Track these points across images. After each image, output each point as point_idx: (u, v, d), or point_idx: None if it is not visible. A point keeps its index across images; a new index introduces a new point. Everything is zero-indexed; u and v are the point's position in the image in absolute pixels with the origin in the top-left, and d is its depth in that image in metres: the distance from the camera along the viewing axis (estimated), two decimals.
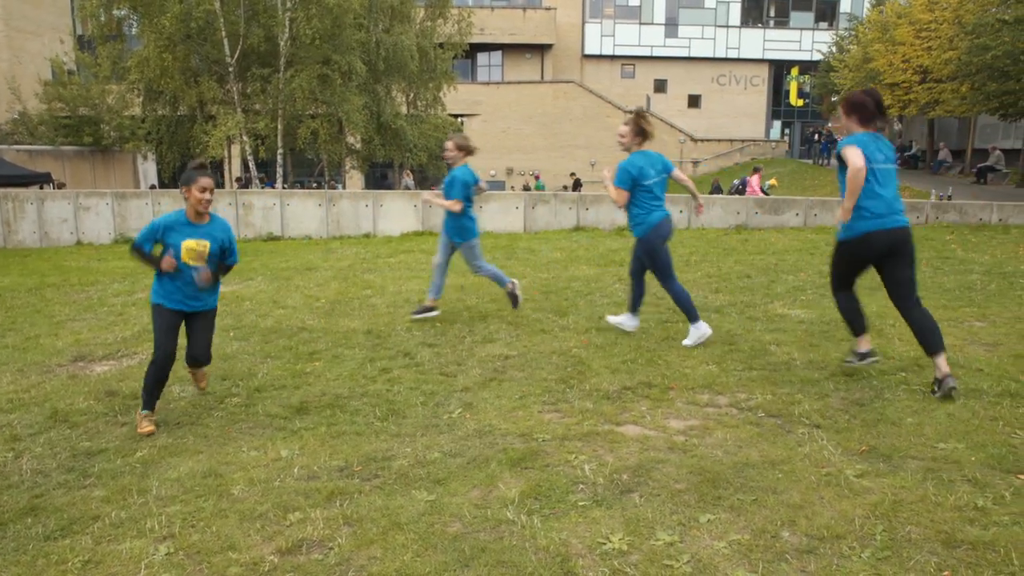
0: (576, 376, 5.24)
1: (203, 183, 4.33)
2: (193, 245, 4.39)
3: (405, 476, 3.62)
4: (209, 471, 3.72)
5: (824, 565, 2.80)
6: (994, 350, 5.74)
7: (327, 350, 6.08)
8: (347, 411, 4.60)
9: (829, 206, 15.53)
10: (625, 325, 6.37)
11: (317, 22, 21.19)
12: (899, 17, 27.51)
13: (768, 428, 4.21)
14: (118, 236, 15.43)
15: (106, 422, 4.50)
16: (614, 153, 42.38)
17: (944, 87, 24.50)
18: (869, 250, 4.66)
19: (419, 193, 16.31)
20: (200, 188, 4.32)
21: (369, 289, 8.92)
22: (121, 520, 3.23)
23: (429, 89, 28.22)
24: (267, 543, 3.02)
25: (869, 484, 3.46)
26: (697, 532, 3.05)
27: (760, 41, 44.00)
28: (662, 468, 3.67)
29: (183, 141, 24.95)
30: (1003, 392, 4.72)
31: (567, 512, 3.23)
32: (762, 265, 10.23)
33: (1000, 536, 2.96)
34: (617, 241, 13.23)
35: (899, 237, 4.61)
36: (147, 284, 9.61)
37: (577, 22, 43.45)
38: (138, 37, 23.72)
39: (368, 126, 25.08)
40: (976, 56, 19.42)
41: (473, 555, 2.88)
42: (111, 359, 6.02)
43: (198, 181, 4.31)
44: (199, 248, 4.42)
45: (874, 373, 5.16)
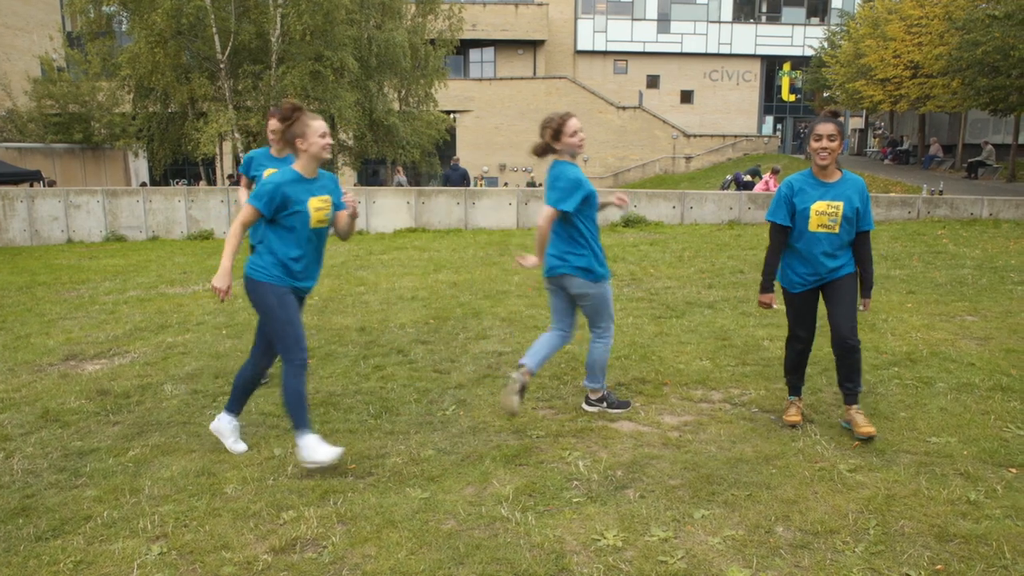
0: (570, 372, 5.24)
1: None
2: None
3: (399, 474, 3.62)
4: (202, 470, 3.70)
5: (818, 560, 2.80)
6: (985, 344, 5.77)
7: (320, 348, 6.06)
8: (340, 409, 4.58)
9: None
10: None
11: (308, 18, 21.10)
12: (890, 13, 27.55)
13: (762, 423, 4.22)
14: (109, 234, 15.36)
15: (98, 421, 4.48)
16: (607, 149, 42.18)
17: (935, 82, 24.55)
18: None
19: (412, 190, 16.28)
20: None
21: (362, 286, 8.90)
22: (113, 520, 3.21)
23: (421, 85, 28.14)
24: (261, 542, 3.01)
25: (862, 479, 3.47)
26: (691, 528, 3.05)
27: (752, 37, 44.02)
28: (656, 464, 3.67)
29: (174, 138, 24.83)
30: (995, 386, 4.75)
31: (561, 509, 3.23)
32: (755, 260, 10.24)
33: (992, 529, 2.98)
34: (610, 237, 13.23)
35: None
36: (139, 283, 9.58)
37: (569, 18, 43.38)
38: (128, 33, 23.57)
39: (360, 123, 25.00)
40: (966, 51, 19.46)
41: (467, 552, 2.88)
42: (103, 358, 5.99)
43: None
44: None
45: (867, 368, 5.18)
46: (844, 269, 4.02)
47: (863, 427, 3.91)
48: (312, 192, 3.69)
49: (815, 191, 3.95)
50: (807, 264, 4.03)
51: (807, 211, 3.94)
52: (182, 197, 15.59)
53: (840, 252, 3.99)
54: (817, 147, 3.89)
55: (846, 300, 4.01)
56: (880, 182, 24.91)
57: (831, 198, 3.92)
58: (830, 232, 3.93)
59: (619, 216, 15.29)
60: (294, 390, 3.62)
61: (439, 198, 15.55)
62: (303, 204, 3.64)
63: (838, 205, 3.90)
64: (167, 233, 15.48)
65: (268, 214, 3.62)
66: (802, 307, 4.16)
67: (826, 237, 3.94)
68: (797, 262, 4.07)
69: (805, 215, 3.95)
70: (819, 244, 3.95)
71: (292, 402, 3.63)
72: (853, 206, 3.92)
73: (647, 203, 15.23)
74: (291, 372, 3.62)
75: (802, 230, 3.99)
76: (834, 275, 4.01)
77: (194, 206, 15.47)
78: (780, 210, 4.03)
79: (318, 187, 3.74)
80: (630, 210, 15.24)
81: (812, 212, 3.92)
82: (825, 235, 3.94)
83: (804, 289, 4.09)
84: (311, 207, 3.66)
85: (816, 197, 3.94)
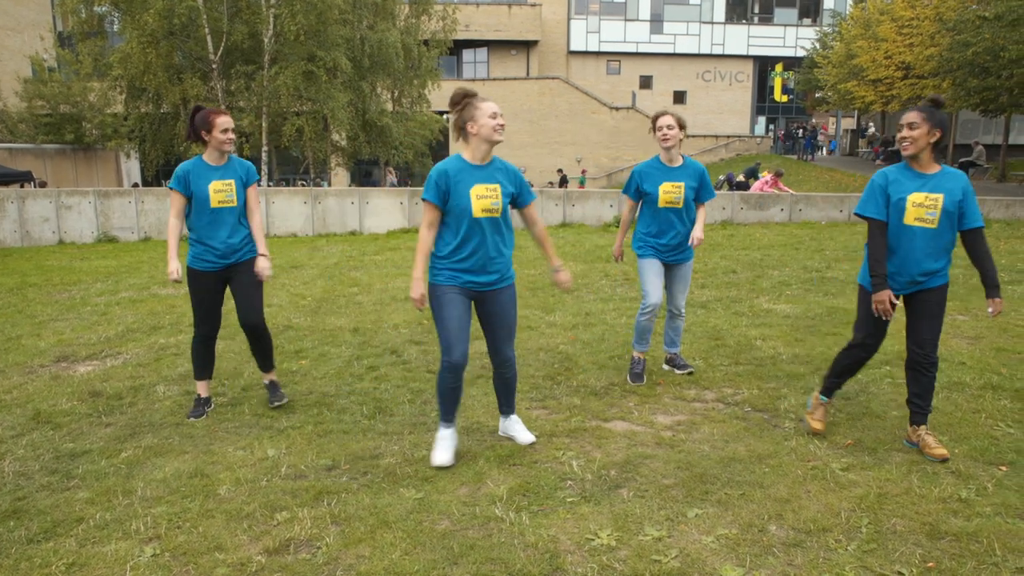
0: (563, 372, 5.25)
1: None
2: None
3: (393, 474, 3.61)
4: (195, 471, 3.69)
5: (811, 558, 2.81)
6: (976, 343, 5.80)
7: (313, 348, 6.05)
8: (334, 409, 4.58)
9: (813, 201, 15.62)
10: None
11: (302, 18, 21.07)
12: (881, 14, 27.70)
13: (755, 423, 4.23)
14: (101, 235, 15.29)
15: (90, 423, 4.46)
16: (600, 149, 42.29)
17: (926, 83, 24.68)
18: None
19: (405, 190, 16.26)
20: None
21: (356, 287, 8.89)
22: (106, 522, 3.20)
23: (414, 86, 28.13)
24: (254, 543, 3.00)
25: (855, 477, 3.48)
26: (685, 527, 3.06)
27: (745, 37, 44.16)
28: (650, 464, 3.68)
29: (166, 139, 24.74)
30: (985, 385, 4.77)
31: (555, 509, 3.23)
32: (747, 260, 10.27)
33: (983, 527, 2.99)
34: (604, 238, 13.24)
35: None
36: (131, 284, 9.54)
37: (563, 18, 43.44)
38: (120, 34, 23.49)
39: (353, 123, 24.98)
40: (957, 52, 19.57)
41: (462, 552, 2.88)
42: (94, 359, 5.97)
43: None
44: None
45: None
46: (939, 278, 3.70)
47: (935, 448, 3.66)
48: (476, 180, 3.58)
49: (912, 182, 3.63)
50: (900, 264, 3.68)
51: (903, 202, 3.61)
52: None
53: (939, 254, 3.64)
54: (900, 136, 3.63)
55: (936, 313, 3.71)
56: None
57: (929, 189, 3.60)
58: (927, 227, 3.60)
59: (612, 216, 15.30)
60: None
61: None
62: (464, 194, 3.55)
63: (937, 197, 3.57)
64: (159, 234, 15.42)
65: (440, 205, 3.58)
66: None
67: (923, 233, 3.60)
68: (889, 263, 3.69)
69: (900, 207, 3.62)
70: (915, 240, 3.62)
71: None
72: (955, 199, 3.58)
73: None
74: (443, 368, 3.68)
75: (896, 224, 3.65)
76: (928, 283, 3.69)
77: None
78: (871, 202, 3.68)
79: (485, 175, 3.61)
80: (623, 210, 15.25)
81: (909, 203, 3.60)
82: (922, 231, 3.60)
83: (894, 293, 3.73)
84: (472, 195, 3.55)
85: (913, 188, 3.61)
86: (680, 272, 4.98)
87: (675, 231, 4.84)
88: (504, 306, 3.73)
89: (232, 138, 4.37)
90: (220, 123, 4.30)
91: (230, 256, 4.42)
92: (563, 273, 3.84)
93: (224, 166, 4.41)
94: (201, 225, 4.37)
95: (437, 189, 3.54)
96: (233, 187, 4.38)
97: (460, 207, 3.53)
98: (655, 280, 4.86)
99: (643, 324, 4.93)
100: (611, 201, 15.56)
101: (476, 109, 3.53)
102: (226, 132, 4.32)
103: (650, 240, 4.90)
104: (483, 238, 3.59)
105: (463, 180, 3.54)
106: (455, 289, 3.63)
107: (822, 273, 9.16)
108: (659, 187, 4.77)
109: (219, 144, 4.33)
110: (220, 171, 4.38)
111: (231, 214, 4.39)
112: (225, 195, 4.35)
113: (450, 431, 3.79)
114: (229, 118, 4.37)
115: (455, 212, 3.55)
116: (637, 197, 4.90)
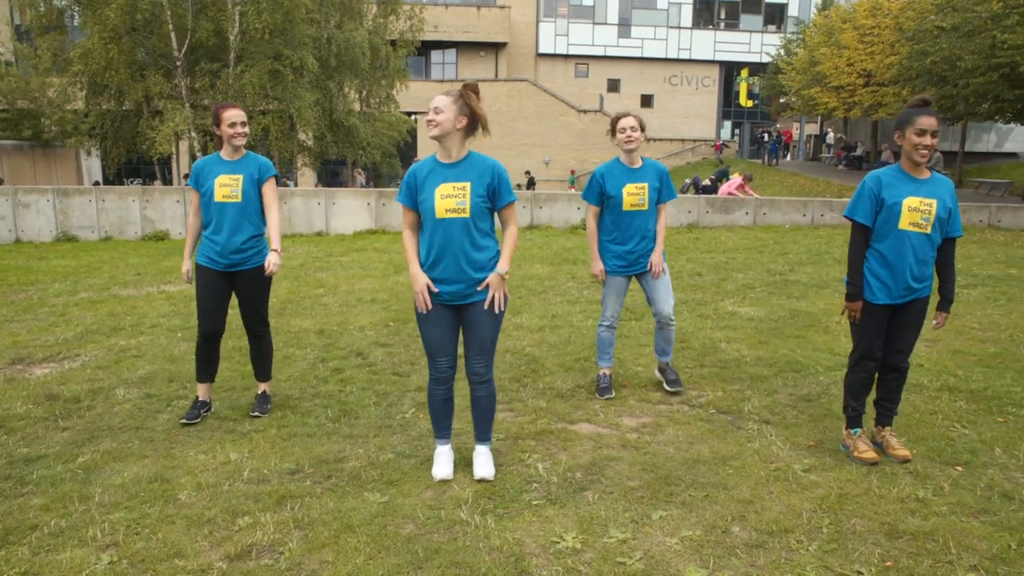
0: (530, 375, 5.25)
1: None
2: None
3: (358, 478, 3.58)
4: (155, 476, 3.63)
5: (773, 559, 2.85)
6: (933, 346, 5.92)
7: (277, 351, 5.98)
8: (298, 412, 4.53)
9: (777, 205, 15.84)
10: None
11: (268, 16, 20.84)
12: (844, 22, 28.22)
13: (719, 424, 4.27)
14: (60, 234, 14.96)
15: (46, 427, 4.35)
16: (568, 152, 42.38)
17: (887, 90, 25.21)
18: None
19: (372, 191, 16.17)
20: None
21: (321, 288, 8.81)
22: (61, 529, 3.12)
23: (382, 86, 28.00)
24: (215, 549, 2.96)
25: (816, 478, 3.54)
26: (649, 529, 3.08)
27: (711, 43, 44.65)
28: (615, 466, 3.69)
29: (129, 137, 24.30)
30: (942, 387, 4.88)
31: (521, 511, 3.23)
32: (712, 263, 10.38)
33: (939, 526, 3.06)
34: (571, 240, 13.29)
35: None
36: (90, 284, 9.35)
37: (531, 21, 43.52)
38: (80, 28, 23.02)
39: (320, 123, 24.78)
40: (916, 61, 20.03)
41: (427, 556, 2.86)
42: (52, 361, 5.83)
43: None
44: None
45: (821, 369, 5.28)
46: (926, 289, 3.72)
47: (898, 449, 3.73)
48: (444, 179, 3.39)
49: (907, 186, 3.58)
50: (894, 270, 3.63)
51: (898, 206, 3.55)
52: (136, 197, 15.27)
53: (929, 261, 3.65)
54: (919, 143, 3.50)
55: (917, 325, 3.75)
56: (835, 187, 25.44)
57: (924, 194, 3.57)
58: (921, 232, 3.57)
59: (579, 218, 15.36)
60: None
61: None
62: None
63: (931, 203, 3.55)
64: (121, 233, 15.14)
65: (412, 206, 3.50)
66: (883, 322, 3.73)
67: (917, 238, 3.58)
68: (882, 268, 3.66)
69: (896, 211, 3.56)
70: (909, 245, 3.58)
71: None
72: (946, 206, 3.58)
73: None
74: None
75: (890, 229, 3.60)
76: (921, 291, 3.70)
77: (149, 206, 15.16)
78: (861, 206, 3.65)
79: (456, 173, 3.40)
80: None
81: (904, 208, 3.54)
82: (916, 235, 3.57)
83: (891, 302, 3.68)
84: (437, 195, 3.37)
85: (908, 192, 3.57)
86: (657, 279, 4.73)
87: (640, 236, 4.64)
88: (478, 322, 3.47)
89: (242, 132, 4.25)
90: (227, 117, 4.21)
91: (232, 256, 4.27)
92: (495, 278, 3.43)
93: (237, 161, 4.30)
94: (207, 220, 4.29)
95: (408, 190, 3.44)
96: (240, 183, 4.23)
97: (426, 207, 3.37)
98: (614, 298, 4.76)
99: (601, 336, 4.83)
100: (578, 204, 15.62)
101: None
102: (234, 126, 4.21)
103: (614, 249, 4.68)
104: (449, 241, 3.35)
105: (431, 180, 3.38)
106: (433, 303, 3.46)
107: (786, 276, 9.29)
108: (623, 189, 4.59)
109: (229, 138, 4.23)
110: (231, 166, 4.28)
111: (235, 210, 4.23)
112: (230, 190, 4.22)
113: (446, 447, 3.69)
114: (238, 111, 4.26)
115: (424, 214, 3.40)
116: (599, 201, 4.67)
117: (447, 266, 3.39)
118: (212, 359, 4.48)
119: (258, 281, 4.37)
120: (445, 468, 3.60)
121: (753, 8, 44.78)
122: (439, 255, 3.39)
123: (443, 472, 3.58)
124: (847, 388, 3.87)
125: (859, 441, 3.80)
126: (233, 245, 4.26)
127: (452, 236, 3.36)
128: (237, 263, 4.31)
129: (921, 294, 3.71)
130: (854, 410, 3.83)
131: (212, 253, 4.28)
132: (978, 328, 6.53)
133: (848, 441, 3.84)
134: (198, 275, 4.34)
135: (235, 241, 4.26)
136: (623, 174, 4.66)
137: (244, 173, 4.27)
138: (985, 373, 5.19)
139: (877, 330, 3.72)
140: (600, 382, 4.85)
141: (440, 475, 3.57)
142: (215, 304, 4.35)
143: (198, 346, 4.43)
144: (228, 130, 4.22)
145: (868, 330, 3.73)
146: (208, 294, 4.33)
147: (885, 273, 3.64)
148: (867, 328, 3.73)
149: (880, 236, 3.64)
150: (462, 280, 3.41)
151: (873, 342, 3.74)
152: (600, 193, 4.67)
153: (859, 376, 3.81)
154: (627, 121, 4.63)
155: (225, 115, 4.21)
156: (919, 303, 3.74)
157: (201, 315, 4.37)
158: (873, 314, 3.70)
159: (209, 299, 4.34)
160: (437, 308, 3.47)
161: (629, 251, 4.68)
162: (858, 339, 3.79)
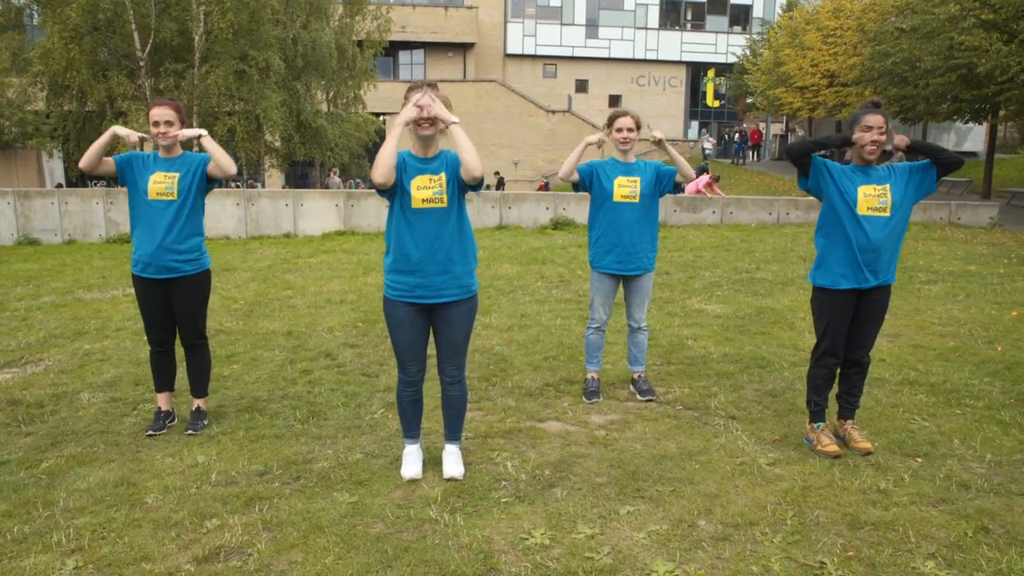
0: (499, 374, 5.27)
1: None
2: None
3: (326, 478, 3.58)
4: (121, 480, 3.58)
5: (738, 551, 2.90)
6: (895, 340, 6.05)
7: (245, 352, 5.94)
8: (266, 414, 4.50)
9: (744, 204, 16.03)
10: None
11: (233, 16, 20.59)
12: (807, 23, 28.65)
13: (686, 420, 4.33)
14: (21, 237, 14.65)
15: (8, 433, 4.28)
16: (537, 152, 42.23)
17: (850, 91, 25.64)
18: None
19: (341, 192, 16.06)
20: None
21: (289, 290, 8.75)
22: (24, 535, 3.08)
23: (349, 87, 27.81)
24: (183, 552, 2.93)
25: (780, 472, 3.60)
26: (617, 524, 3.12)
27: (678, 43, 45.03)
28: (583, 463, 3.73)
29: (91, 138, 23.68)
30: (903, 380, 4.99)
31: (489, 509, 3.25)
32: (680, 262, 10.49)
33: (900, 516, 3.14)
34: (539, 240, 13.33)
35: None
36: (53, 288, 9.18)
37: (499, 21, 43.54)
38: (40, 27, 22.56)
39: (287, 124, 24.54)
40: (878, 62, 20.41)
41: (396, 555, 2.87)
42: (14, 366, 5.73)
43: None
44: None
45: (786, 365, 5.37)
46: (890, 276, 3.79)
47: (860, 442, 3.83)
48: (420, 172, 3.40)
49: (860, 177, 3.70)
50: (856, 255, 3.70)
51: (854, 193, 3.67)
52: (100, 199, 15.00)
53: (890, 246, 3.72)
54: (865, 138, 3.62)
55: (880, 317, 3.85)
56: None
57: (875, 182, 3.68)
58: (881, 215, 3.66)
59: (548, 218, 15.42)
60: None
61: (368, 201, 15.39)
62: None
63: (884, 188, 3.67)
64: (84, 236, 14.87)
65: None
66: (846, 311, 3.80)
67: (877, 222, 3.66)
68: (843, 258, 3.74)
69: (853, 198, 3.66)
70: (871, 229, 3.65)
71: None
72: (901, 187, 3.69)
73: (576, 206, 15.41)
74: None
75: (851, 217, 3.68)
76: (886, 277, 3.77)
77: (113, 208, 14.90)
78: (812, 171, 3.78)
79: (433, 168, 3.42)
80: (559, 212, 15.40)
81: (860, 195, 3.65)
82: (876, 219, 3.66)
83: (851, 287, 3.74)
84: (413, 186, 3.38)
85: (861, 182, 3.69)
86: (637, 284, 4.68)
87: (630, 231, 4.55)
88: (451, 323, 3.50)
89: (165, 131, 4.02)
90: (151, 116, 4.05)
91: (166, 259, 4.09)
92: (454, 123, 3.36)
93: (173, 159, 4.14)
94: (138, 220, 4.10)
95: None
96: (176, 181, 4.08)
97: (402, 197, 3.37)
98: (602, 299, 4.72)
99: (590, 340, 4.81)
100: (547, 204, 15.68)
101: (407, 102, 3.36)
102: (157, 125, 4.02)
103: (605, 244, 4.61)
104: (425, 231, 3.36)
105: (407, 173, 3.38)
106: (405, 306, 3.46)
107: (752, 274, 9.42)
108: (614, 180, 4.56)
109: (153, 137, 4.08)
110: (166, 164, 4.12)
111: (171, 209, 4.07)
112: (164, 187, 4.06)
113: (415, 447, 3.71)
114: (163, 109, 4.03)
115: (400, 202, 3.38)
116: (586, 175, 4.61)
117: (423, 258, 3.39)
118: (167, 367, 4.38)
119: (195, 291, 4.26)
120: (414, 468, 3.61)
121: (719, 9, 45.25)
122: (415, 245, 3.38)
123: (412, 472, 3.59)
124: (810, 383, 3.96)
125: (822, 435, 3.88)
126: (169, 246, 4.08)
127: (431, 227, 3.37)
128: (172, 269, 4.13)
129: (885, 280, 3.77)
130: (817, 404, 3.92)
131: (144, 257, 4.09)
132: (938, 323, 6.68)
133: (811, 435, 3.92)
134: (135, 286, 4.21)
135: (168, 242, 4.08)
136: (617, 167, 4.65)
137: (180, 171, 4.11)
138: (945, 367, 5.32)
139: (842, 321, 3.79)
140: (588, 386, 4.81)
141: (409, 475, 3.58)
142: (156, 313, 4.24)
143: (151, 356, 4.35)
144: (152, 129, 4.05)
145: (833, 323, 3.80)
146: (148, 306, 4.22)
147: (847, 257, 3.71)
148: (832, 321, 3.80)
149: (841, 223, 3.70)
150: (436, 271, 3.40)
151: (836, 340, 3.82)
152: (590, 175, 4.63)
153: (821, 372, 3.90)
154: (624, 121, 4.58)
155: (151, 114, 4.05)
156: (881, 297, 3.81)
157: (147, 326, 4.29)
158: (837, 302, 3.77)
159: (149, 310, 4.23)
160: (408, 311, 3.47)
161: (617, 244, 4.58)
162: (821, 335, 3.87)
